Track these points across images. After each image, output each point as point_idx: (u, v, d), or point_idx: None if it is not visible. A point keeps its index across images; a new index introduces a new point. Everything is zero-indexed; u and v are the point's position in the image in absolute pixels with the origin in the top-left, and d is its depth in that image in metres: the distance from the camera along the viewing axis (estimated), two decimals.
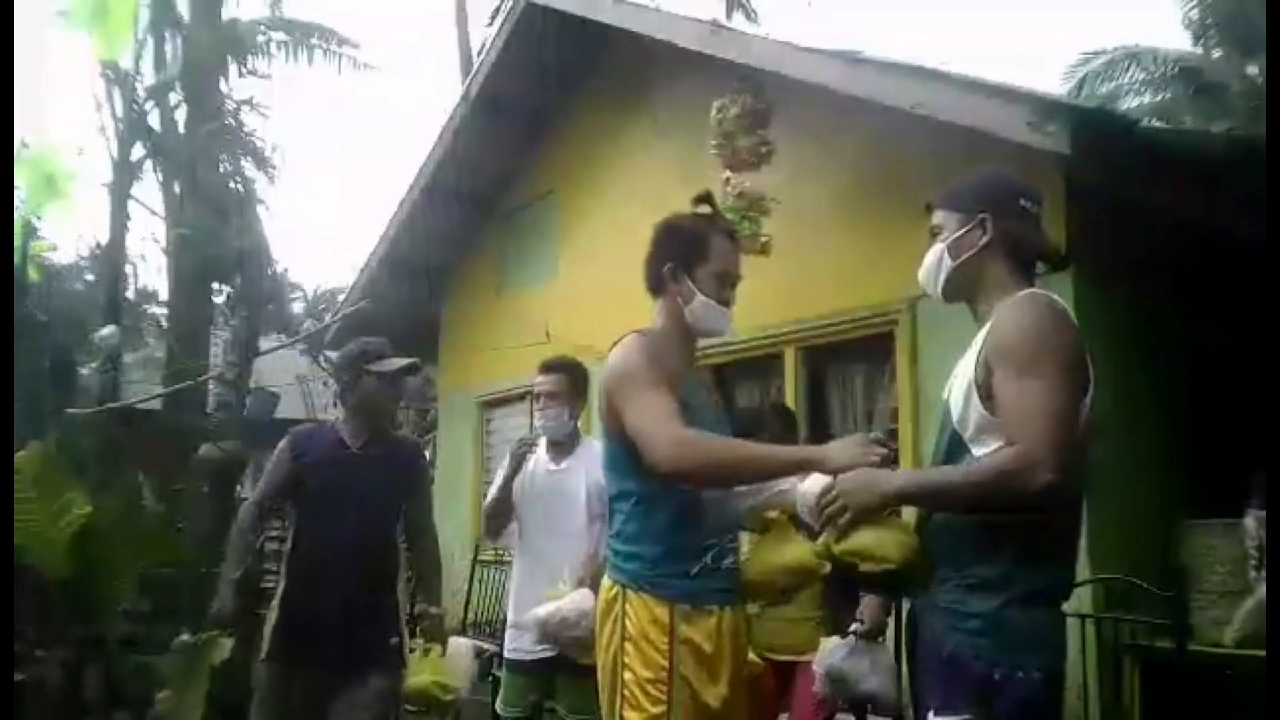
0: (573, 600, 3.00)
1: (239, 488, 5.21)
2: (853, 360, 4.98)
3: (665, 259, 2.21)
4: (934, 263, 1.89)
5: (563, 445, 3.35)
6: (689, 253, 2.18)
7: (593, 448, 3.33)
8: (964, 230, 1.83)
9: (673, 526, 2.10)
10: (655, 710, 2.02)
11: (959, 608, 1.68)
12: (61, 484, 1.88)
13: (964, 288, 1.86)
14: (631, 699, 2.05)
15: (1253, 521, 3.44)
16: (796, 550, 2.10)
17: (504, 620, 5.09)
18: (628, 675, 2.06)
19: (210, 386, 4.59)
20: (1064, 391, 1.63)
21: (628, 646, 2.07)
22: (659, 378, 2.08)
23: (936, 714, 1.66)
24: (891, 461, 1.87)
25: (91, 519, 1.80)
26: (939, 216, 1.90)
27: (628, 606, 2.09)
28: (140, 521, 2.19)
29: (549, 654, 3.08)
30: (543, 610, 3.03)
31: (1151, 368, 4.01)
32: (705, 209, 2.27)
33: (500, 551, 5.54)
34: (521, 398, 7.29)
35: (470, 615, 5.42)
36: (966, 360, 1.76)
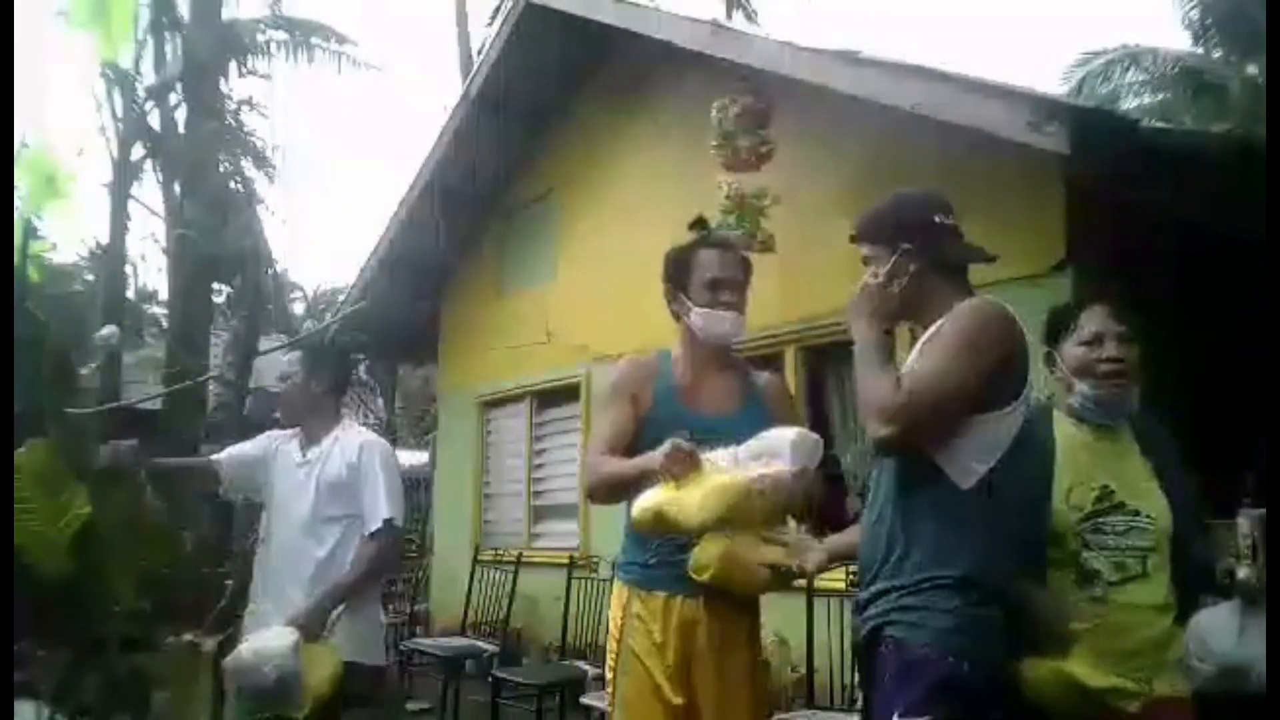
0: (270, 641, 2.53)
1: None
2: (853, 360, 4.97)
3: (666, 284, 2.40)
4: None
5: (312, 434, 2.89)
6: (679, 273, 2.37)
7: (348, 438, 2.87)
8: (892, 263, 1.93)
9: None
10: (609, 675, 2.33)
11: (927, 608, 1.72)
12: (61, 484, 1.88)
13: (906, 312, 1.97)
14: (607, 669, 2.35)
15: (1245, 520, 3.43)
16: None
17: (504, 620, 5.12)
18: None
19: (210, 386, 4.58)
20: (954, 371, 1.75)
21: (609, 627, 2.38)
22: (616, 400, 2.34)
23: (901, 716, 1.69)
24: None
25: (91, 519, 1.80)
26: (866, 248, 2.01)
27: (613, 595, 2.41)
28: (140, 521, 2.19)
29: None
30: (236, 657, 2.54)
31: (1151, 368, 4.01)
32: (699, 231, 2.44)
33: (500, 552, 5.55)
34: (521, 398, 7.31)
35: (470, 615, 5.42)
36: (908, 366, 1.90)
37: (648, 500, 2.03)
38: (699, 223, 2.47)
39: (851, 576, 3.72)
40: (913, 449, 1.77)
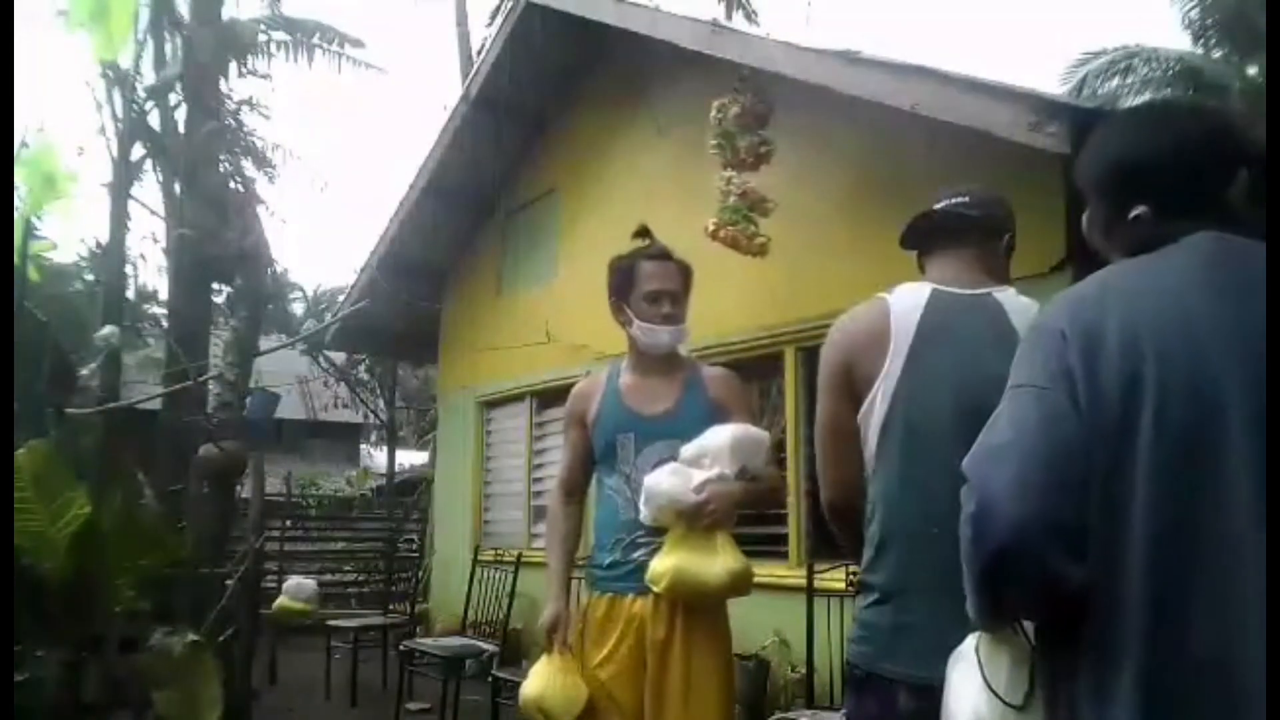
0: None
1: (239, 488, 5.20)
2: None
3: (611, 296, 2.55)
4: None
5: None
6: (622, 285, 2.51)
7: None
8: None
9: (599, 524, 2.50)
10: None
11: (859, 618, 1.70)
12: (61, 484, 1.88)
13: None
14: None
15: None
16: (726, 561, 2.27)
17: (504, 620, 5.12)
18: None
19: (210, 386, 4.58)
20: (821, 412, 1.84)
21: None
22: (567, 429, 2.63)
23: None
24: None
25: (91, 519, 1.80)
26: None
27: None
28: (140, 521, 2.19)
29: None
30: None
31: None
32: (642, 242, 2.55)
33: (500, 552, 5.54)
34: (521, 398, 7.31)
35: (470, 615, 5.42)
36: None
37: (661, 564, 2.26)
38: (642, 233, 2.57)
39: (851, 576, 3.72)
40: (851, 509, 1.77)
